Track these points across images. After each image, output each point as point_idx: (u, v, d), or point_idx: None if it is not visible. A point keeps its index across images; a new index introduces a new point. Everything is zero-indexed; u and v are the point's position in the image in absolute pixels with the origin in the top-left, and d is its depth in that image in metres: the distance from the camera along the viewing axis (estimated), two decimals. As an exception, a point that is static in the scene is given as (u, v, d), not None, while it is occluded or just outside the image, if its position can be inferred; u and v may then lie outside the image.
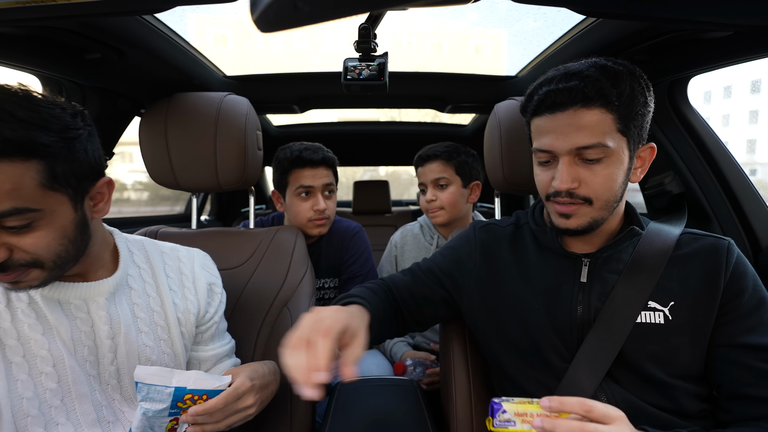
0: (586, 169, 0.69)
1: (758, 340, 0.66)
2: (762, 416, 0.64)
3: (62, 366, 0.67)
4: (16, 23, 0.76)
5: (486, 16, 2.17)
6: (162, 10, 0.69)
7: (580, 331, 0.75)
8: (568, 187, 0.69)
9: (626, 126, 0.68)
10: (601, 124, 0.66)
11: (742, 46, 0.89)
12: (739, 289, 0.69)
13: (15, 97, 0.58)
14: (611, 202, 0.71)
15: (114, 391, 0.74)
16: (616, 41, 0.98)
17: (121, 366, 0.74)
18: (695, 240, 0.75)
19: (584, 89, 0.65)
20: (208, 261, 0.93)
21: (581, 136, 0.67)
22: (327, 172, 1.37)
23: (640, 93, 0.68)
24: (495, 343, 0.85)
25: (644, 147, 0.74)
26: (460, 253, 0.92)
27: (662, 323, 0.70)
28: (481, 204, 3.06)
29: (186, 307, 0.84)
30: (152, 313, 0.79)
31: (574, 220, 0.73)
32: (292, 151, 1.36)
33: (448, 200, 1.41)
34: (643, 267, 0.73)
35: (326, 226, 1.39)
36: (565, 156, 0.69)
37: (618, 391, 0.71)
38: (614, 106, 0.66)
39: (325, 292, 1.48)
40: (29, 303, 0.67)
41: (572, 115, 0.67)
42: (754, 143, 29.88)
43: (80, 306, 0.71)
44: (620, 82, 0.66)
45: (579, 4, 0.61)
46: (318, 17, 0.38)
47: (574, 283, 0.77)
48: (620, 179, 0.70)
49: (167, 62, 1.13)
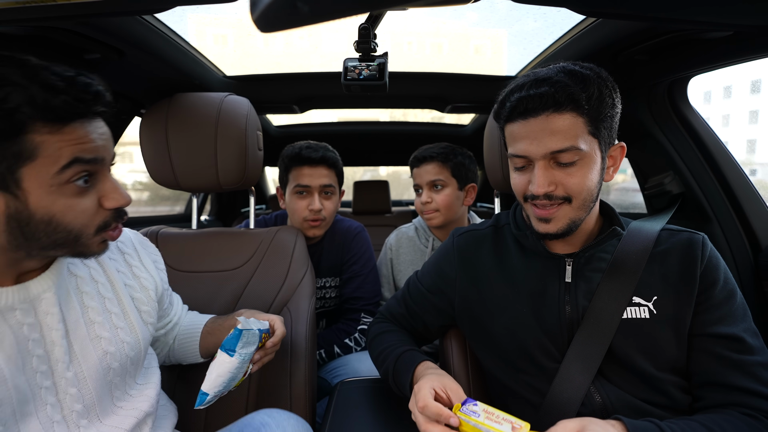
0: (562, 172, 0.71)
1: (727, 330, 0.70)
2: (730, 403, 0.67)
3: (4, 387, 0.57)
4: (16, 23, 0.76)
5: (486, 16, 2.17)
6: (162, 10, 0.69)
7: (569, 330, 0.76)
8: (545, 191, 0.71)
9: (597, 128, 0.70)
10: (573, 128, 0.68)
11: (742, 46, 0.89)
12: (712, 280, 0.72)
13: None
14: (588, 202, 0.73)
15: (74, 401, 0.64)
16: (616, 41, 0.98)
17: (79, 369, 0.65)
18: (672, 236, 0.78)
19: (555, 95, 0.67)
20: (144, 240, 0.86)
21: (554, 140, 0.68)
22: (326, 172, 1.35)
23: (608, 95, 0.70)
24: (486, 353, 0.86)
25: (615, 147, 0.76)
26: (442, 265, 0.94)
27: (647, 317, 0.73)
28: (481, 204, 3.06)
29: (141, 285, 0.78)
30: (103, 300, 0.71)
31: (554, 224, 0.74)
32: (294, 148, 1.35)
33: (444, 202, 1.39)
34: (625, 265, 0.75)
35: (321, 228, 1.37)
36: (540, 160, 0.71)
37: (612, 390, 0.72)
38: (584, 110, 0.68)
39: (326, 291, 1.48)
40: None
41: (545, 121, 0.69)
42: (754, 143, 29.89)
43: (27, 310, 0.61)
44: (589, 86, 0.68)
45: (579, 4, 0.61)
46: (318, 17, 0.38)
47: (559, 283, 0.78)
48: (595, 179, 0.72)
49: (167, 62, 1.13)
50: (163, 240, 1.15)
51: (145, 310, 0.77)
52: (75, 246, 0.60)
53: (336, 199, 1.41)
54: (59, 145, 0.54)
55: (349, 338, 1.38)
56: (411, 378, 0.80)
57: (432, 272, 0.96)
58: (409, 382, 0.80)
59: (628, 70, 1.13)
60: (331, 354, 1.36)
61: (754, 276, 1.18)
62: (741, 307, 0.72)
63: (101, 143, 0.59)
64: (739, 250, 1.19)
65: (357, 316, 1.42)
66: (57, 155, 0.54)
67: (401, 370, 0.83)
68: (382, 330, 0.99)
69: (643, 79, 1.19)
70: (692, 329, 0.72)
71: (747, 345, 0.69)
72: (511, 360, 0.80)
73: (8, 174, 0.52)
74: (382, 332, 0.98)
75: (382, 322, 1.03)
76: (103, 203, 0.61)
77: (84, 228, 0.59)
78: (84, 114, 0.57)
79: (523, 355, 0.79)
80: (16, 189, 0.53)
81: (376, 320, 1.05)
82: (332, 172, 1.37)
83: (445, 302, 0.92)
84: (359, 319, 1.42)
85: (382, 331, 0.99)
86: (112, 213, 0.62)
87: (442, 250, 0.96)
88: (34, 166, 0.53)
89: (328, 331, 1.41)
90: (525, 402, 0.79)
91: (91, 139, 0.57)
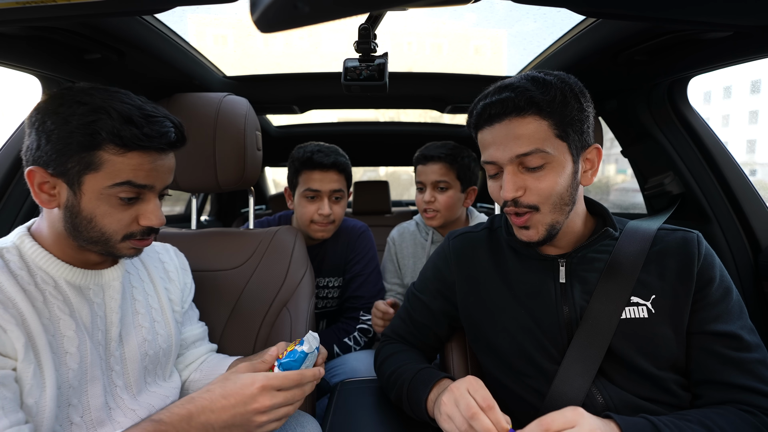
0: (530, 176, 0.71)
1: (724, 327, 0.70)
2: (728, 400, 0.68)
3: (84, 347, 0.69)
4: (16, 23, 0.76)
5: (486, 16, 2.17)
6: (162, 10, 0.69)
7: (568, 331, 0.76)
8: (512, 195, 0.72)
9: (564, 131, 0.70)
10: (538, 131, 0.69)
11: (742, 46, 0.89)
12: (709, 277, 0.72)
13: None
14: (560, 206, 0.73)
15: (117, 377, 0.75)
16: (616, 42, 0.98)
17: (123, 351, 0.77)
18: (667, 235, 0.78)
19: (515, 99, 0.69)
20: (178, 251, 0.99)
21: (519, 144, 0.70)
22: (337, 177, 1.35)
23: (572, 99, 0.71)
24: (486, 356, 0.86)
25: (589, 149, 0.76)
26: (440, 269, 0.94)
27: (646, 317, 0.73)
28: (481, 204, 3.06)
29: (175, 287, 0.91)
30: (147, 296, 0.84)
31: (533, 232, 0.74)
32: (305, 151, 1.34)
33: (446, 204, 1.39)
34: (623, 265, 0.75)
35: (329, 231, 1.38)
36: (508, 165, 0.72)
37: (614, 391, 0.72)
38: (547, 113, 0.69)
39: (329, 291, 1.48)
40: (55, 286, 0.69)
41: (508, 125, 0.70)
42: (753, 143, 29.91)
43: (97, 292, 0.74)
44: (549, 90, 0.69)
45: (579, 4, 0.61)
46: (318, 18, 0.38)
47: (554, 285, 0.78)
48: (565, 183, 0.72)
49: (167, 62, 1.13)
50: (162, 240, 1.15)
51: (177, 310, 0.90)
52: (105, 246, 0.70)
53: (344, 202, 1.41)
54: (120, 166, 0.66)
55: (348, 337, 1.38)
56: (428, 393, 0.77)
57: (431, 277, 0.95)
58: (426, 395, 0.77)
59: (628, 70, 1.13)
60: (330, 354, 1.35)
61: (754, 276, 1.18)
62: (737, 305, 0.72)
63: (154, 173, 0.70)
64: (739, 250, 1.19)
65: (356, 315, 1.42)
66: (115, 173, 0.66)
67: (418, 386, 0.80)
68: (393, 351, 0.95)
69: (643, 79, 1.19)
70: (690, 327, 0.72)
71: (744, 342, 0.69)
72: (511, 362, 0.80)
73: (76, 176, 0.66)
74: (393, 354, 0.94)
75: (390, 343, 0.99)
76: (139, 219, 0.71)
77: (114, 234, 0.69)
78: (146, 147, 0.67)
79: (522, 357, 0.78)
80: (77, 189, 0.66)
81: (384, 343, 1.01)
82: (342, 176, 1.37)
83: (449, 305, 0.92)
84: (358, 317, 1.42)
85: (392, 352, 0.95)
86: (143, 228, 0.72)
87: (439, 253, 0.96)
88: (96, 176, 0.66)
89: (327, 331, 1.41)
90: (525, 404, 0.78)
91: (146, 168, 0.69)
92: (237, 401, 0.64)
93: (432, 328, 0.95)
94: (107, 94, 0.67)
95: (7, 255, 0.68)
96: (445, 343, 0.99)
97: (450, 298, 0.91)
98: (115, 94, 0.68)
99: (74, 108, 0.64)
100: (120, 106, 0.66)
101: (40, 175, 0.66)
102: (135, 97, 0.70)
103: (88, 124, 0.64)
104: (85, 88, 0.67)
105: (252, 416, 0.64)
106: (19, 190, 1.12)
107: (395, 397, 0.86)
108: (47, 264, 0.69)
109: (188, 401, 0.65)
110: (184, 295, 0.93)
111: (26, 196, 1.13)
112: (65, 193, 0.67)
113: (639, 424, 0.63)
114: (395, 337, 1.00)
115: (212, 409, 0.64)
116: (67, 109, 0.64)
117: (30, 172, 0.66)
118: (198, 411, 0.63)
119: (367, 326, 1.41)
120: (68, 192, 0.66)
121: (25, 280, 0.67)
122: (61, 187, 0.67)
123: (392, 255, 1.57)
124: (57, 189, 0.67)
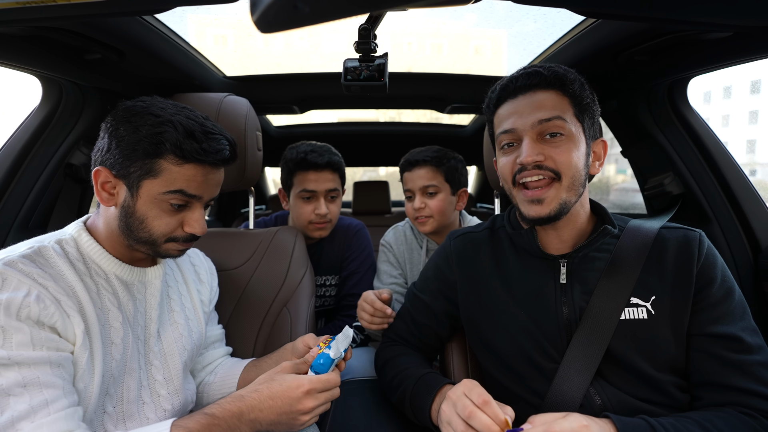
0: (550, 145, 0.74)
1: (725, 329, 0.70)
2: (729, 403, 0.67)
3: (127, 339, 0.74)
4: (16, 23, 0.76)
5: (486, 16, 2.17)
6: (162, 10, 0.70)
7: (567, 331, 0.76)
8: (533, 159, 0.73)
9: (581, 112, 0.76)
10: (559, 104, 0.75)
11: (742, 47, 0.89)
12: (710, 278, 0.72)
13: None
14: (577, 183, 0.75)
15: (157, 372, 0.79)
16: (616, 42, 0.98)
17: (161, 346, 0.81)
18: (669, 233, 0.78)
19: (542, 73, 0.76)
20: (205, 255, 1.04)
21: (542, 111, 0.74)
22: (332, 177, 1.35)
23: (588, 89, 0.77)
24: (486, 355, 0.86)
25: (597, 141, 0.80)
26: (442, 269, 0.94)
27: (646, 318, 0.72)
28: (481, 205, 3.06)
29: (204, 289, 0.95)
30: (181, 296, 0.89)
31: (546, 206, 0.74)
32: (298, 152, 1.34)
33: (438, 208, 1.33)
34: (623, 264, 0.75)
35: (327, 229, 1.39)
36: (528, 132, 0.75)
37: (612, 392, 0.72)
38: (569, 92, 0.75)
39: (326, 289, 1.48)
40: (106, 279, 0.74)
41: (532, 96, 0.76)
42: (753, 143, 29.91)
43: (140, 288, 0.79)
44: (571, 74, 0.77)
45: (579, 4, 0.61)
46: (318, 18, 0.38)
47: (555, 285, 0.78)
48: (581, 161, 0.75)
49: (167, 63, 1.13)
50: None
51: (206, 311, 0.94)
52: (152, 246, 0.75)
53: (340, 201, 1.42)
54: (176, 175, 0.71)
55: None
56: (432, 400, 0.77)
57: (431, 277, 0.95)
58: (429, 404, 0.77)
59: (628, 70, 1.13)
60: None
61: (754, 276, 1.18)
62: (739, 305, 0.72)
63: (205, 185, 0.75)
64: (739, 250, 1.19)
65: (353, 313, 1.42)
66: (171, 181, 0.71)
67: (421, 392, 0.80)
68: (394, 354, 0.94)
69: (643, 79, 1.19)
70: (690, 328, 0.72)
71: (745, 344, 0.69)
72: (511, 362, 0.80)
73: (136, 180, 0.70)
74: (394, 356, 0.94)
75: (392, 345, 0.98)
76: (183, 225, 0.76)
77: (160, 236, 0.74)
78: (202, 161, 0.72)
79: (522, 356, 0.78)
80: (135, 191, 0.71)
81: (385, 345, 1.00)
82: (336, 175, 1.37)
83: (450, 305, 0.92)
84: (355, 315, 1.42)
85: (393, 355, 0.94)
86: (186, 235, 0.77)
87: (440, 253, 0.96)
88: (153, 182, 0.71)
89: (324, 330, 1.42)
90: (525, 403, 0.78)
91: (198, 180, 0.73)
92: (284, 402, 0.70)
93: (433, 328, 0.94)
94: (176, 108, 0.73)
95: (67, 246, 0.72)
96: (446, 343, 0.99)
97: (451, 298, 0.91)
98: (183, 110, 0.74)
99: (146, 118, 0.70)
100: (186, 121, 0.71)
101: (104, 175, 0.71)
102: (199, 113, 0.76)
103: (155, 134, 0.69)
104: (158, 101, 0.74)
105: (297, 416, 0.71)
106: (19, 190, 1.11)
107: (397, 402, 0.86)
108: (100, 257, 0.74)
109: (238, 399, 0.70)
110: (212, 296, 0.98)
111: (26, 196, 1.13)
112: (123, 194, 0.71)
113: (637, 425, 0.63)
114: (396, 338, 0.99)
115: (261, 408, 0.69)
116: (140, 119, 0.70)
117: (96, 172, 0.71)
118: (248, 409, 0.69)
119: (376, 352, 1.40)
120: (126, 193, 0.71)
121: (81, 270, 0.71)
122: (120, 188, 0.72)
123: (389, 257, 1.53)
124: (117, 189, 0.72)
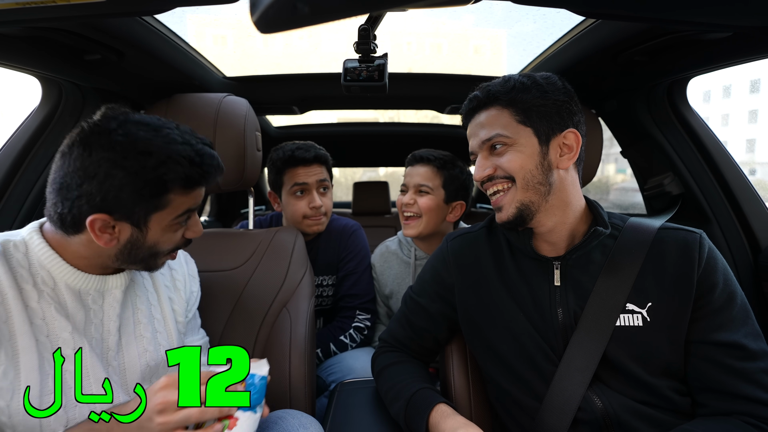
0: (497, 155, 0.79)
1: (728, 336, 0.68)
2: (733, 411, 0.66)
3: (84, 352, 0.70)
4: (16, 24, 0.76)
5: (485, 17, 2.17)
6: (162, 11, 0.70)
7: (564, 333, 0.76)
8: (482, 176, 0.80)
9: (526, 116, 0.76)
10: (498, 119, 0.78)
11: (741, 47, 0.89)
12: (711, 284, 0.70)
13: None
14: (532, 184, 0.76)
15: (117, 387, 0.74)
16: (616, 42, 0.98)
17: (122, 361, 0.76)
18: (668, 235, 0.76)
19: (478, 96, 0.81)
20: (188, 256, 0.99)
21: (483, 132, 0.80)
22: (320, 169, 1.40)
23: (534, 88, 0.77)
24: (486, 357, 0.85)
25: (564, 133, 0.77)
26: (439, 271, 0.93)
27: (641, 325, 0.71)
28: (481, 205, 3.06)
29: (180, 297, 0.89)
30: (150, 306, 0.83)
31: (505, 211, 0.79)
32: (284, 151, 1.38)
33: (426, 206, 1.29)
34: (621, 264, 0.74)
35: (323, 223, 1.41)
36: (479, 152, 0.82)
37: (612, 395, 0.71)
38: (506, 102, 0.77)
39: (323, 289, 1.48)
40: (54, 287, 0.70)
41: (477, 118, 0.82)
42: (753, 143, 29.92)
43: (96, 298, 0.74)
44: (508, 82, 0.78)
45: (578, 5, 0.61)
46: (317, 18, 0.38)
47: (549, 287, 0.78)
48: (532, 163, 0.76)
49: (167, 63, 1.13)
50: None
51: (180, 321, 0.88)
52: (150, 262, 0.74)
53: (331, 193, 1.45)
54: (183, 201, 0.71)
55: (344, 335, 1.39)
56: (426, 424, 0.78)
57: (429, 280, 0.94)
58: (424, 427, 0.77)
59: (628, 71, 1.13)
60: (327, 352, 1.36)
61: (754, 277, 1.18)
62: (742, 310, 0.70)
63: (201, 196, 0.76)
64: (739, 250, 1.19)
65: (352, 314, 1.43)
66: (179, 207, 0.71)
67: (413, 414, 0.80)
68: (390, 362, 0.94)
69: (642, 79, 1.19)
70: (691, 336, 0.70)
71: (749, 351, 0.67)
72: (512, 363, 0.80)
73: (143, 216, 0.68)
74: (390, 364, 0.93)
75: (388, 351, 0.98)
76: (185, 234, 0.76)
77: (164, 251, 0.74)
78: (206, 184, 0.73)
79: (521, 358, 0.78)
80: (143, 226, 0.69)
81: (381, 350, 0.99)
82: (324, 168, 1.42)
83: (448, 308, 0.91)
84: (354, 316, 1.43)
85: (389, 362, 0.94)
86: (185, 241, 0.77)
87: (437, 255, 0.95)
88: (162, 213, 0.69)
89: (323, 330, 1.42)
90: (524, 405, 0.78)
91: (200, 195, 0.74)
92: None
93: (431, 331, 0.94)
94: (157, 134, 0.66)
95: (13, 249, 0.68)
96: (444, 346, 0.98)
97: (449, 301, 0.91)
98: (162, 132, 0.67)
99: (141, 160, 0.64)
100: (180, 149, 0.67)
101: (102, 222, 0.65)
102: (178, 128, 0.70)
103: (158, 177, 0.66)
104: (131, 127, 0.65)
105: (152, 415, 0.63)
106: (19, 190, 1.11)
107: (394, 415, 0.86)
108: (51, 264, 0.69)
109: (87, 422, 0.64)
110: (189, 304, 0.91)
111: (26, 196, 1.13)
112: (129, 231, 0.68)
113: None
114: (393, 342, 0.98)
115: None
116: (135, 162, 0.64)
117: (92, 221, 0.64)
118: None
119: (363, 325, 1.42)
120: (133, 230, 0.68)
121: (23, 277, 0.67)
122: (123, 227, 0.68)
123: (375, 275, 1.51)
124: (118, 229, 0.68)
